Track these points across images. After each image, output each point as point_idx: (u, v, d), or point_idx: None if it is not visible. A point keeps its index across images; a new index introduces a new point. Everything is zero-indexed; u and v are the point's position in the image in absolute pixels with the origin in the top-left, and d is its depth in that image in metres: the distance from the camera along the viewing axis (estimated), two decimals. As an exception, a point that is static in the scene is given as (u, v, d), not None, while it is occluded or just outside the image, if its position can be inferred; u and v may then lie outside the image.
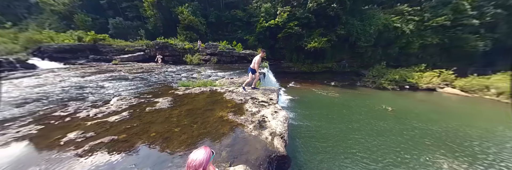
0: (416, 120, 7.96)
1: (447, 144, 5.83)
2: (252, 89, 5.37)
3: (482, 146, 5.77)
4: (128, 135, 2.79)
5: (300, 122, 7.20)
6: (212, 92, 5.17)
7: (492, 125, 7.79)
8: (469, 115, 9.32)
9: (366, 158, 4.72)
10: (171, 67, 10.19)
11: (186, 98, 4.51)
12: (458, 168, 4.54)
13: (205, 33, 18.92)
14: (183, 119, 3.35)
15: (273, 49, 19.97)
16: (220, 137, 2.87)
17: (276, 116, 4.11)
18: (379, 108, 9.74)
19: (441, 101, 12.87)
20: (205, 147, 1.13)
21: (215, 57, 13.08)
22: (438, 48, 18.99)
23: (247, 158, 2.48)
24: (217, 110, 3.86)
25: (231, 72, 9.27)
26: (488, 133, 6.87)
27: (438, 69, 16.50)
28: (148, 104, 4.05)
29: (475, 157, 5.12)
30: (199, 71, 8.43)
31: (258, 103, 4.87)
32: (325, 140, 5.60)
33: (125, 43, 14.07)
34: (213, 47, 13.89)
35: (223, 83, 6.29)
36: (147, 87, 5.59)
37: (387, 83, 15.98)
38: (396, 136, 6.28)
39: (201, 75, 7.31)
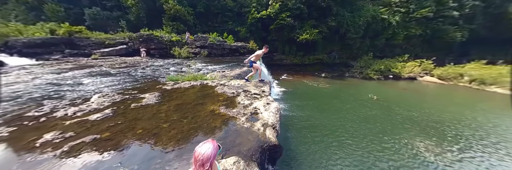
0: (398, 107, 8.47)
1: (423, 128, 6.33)
2: (246, 81, 5.21)
3: (452, 128, 6.36)
4: (112, 133, 2.58)
5: (293, 112, 7.32)
6: (202, 85, 4.93)
7: (462, 109, 8.55)
8: (444, 101, 10.10)
9: (354, 144, 4.99)
10: (158, 61, 9.50)
11: (175, 92, 4.26)
12: (431, 148, 4.98)
13: (193, 24, 17.64)
14: (172, 114, 3.16)
15: (265, 42, 19.41)
16: (212, 131, 2.76)
17: (268, 107, 4.06)
18: (365, 97, 10.16)
19: (420, 88, 13.74)
20: (212, 140, 1.06)
21: (205, 50, 12.39)
22: (420, 39, 19.63)
23: (239, 150, 2.43)
24: (208, 104, 3.70)
25: (223, 65, 8.92)
26: (458, 116, 7.54)
27: (419, 60, 17.29)
28: (134, 100, 3.77)
29: (445, 137, 5.65)
30: (189, 65, 7.96)
31: (251, 95, 4.76)
32: (316, 129, 5.78)
33: (105, 36, 12.74)
34: (202, 39, 13.10)
35: (215, 76, 6.03)
36: (132, 82, 5.18)
37: (373, 74, 16.57)
38: (380, 122, 6.67)
39: (191, 69, 6.91)
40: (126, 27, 16.77)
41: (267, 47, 4.66)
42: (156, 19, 16.81)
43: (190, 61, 8.78)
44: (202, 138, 2.53)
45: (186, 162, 2.05)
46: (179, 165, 1.99)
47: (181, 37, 13.18)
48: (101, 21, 17.62)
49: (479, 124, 6.85)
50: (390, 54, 19.74)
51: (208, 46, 12.72)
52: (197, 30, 17.06)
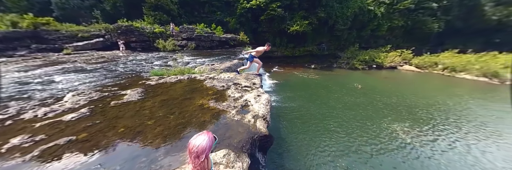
0: (379, 94, 8.94)
1: (401, 112, 6.81)
2: (237, 74, 4.99)
3: (425, 112, 6.94)
4: (90, 134, 2.33)
5: (284, 104, 7.39)
6: (190, 79, 4.63)
7: (435, 94, 9.28)
8: (419, 88, 10.85)
9: (340, 130, 5.23)
10: (141, 55, 8.68)
11: (160, 88, 3.95)
12: (406, 129, 5.42)
13: (178, 14, 16.09)
14: (157, 110, 2.93)
15: (256, 33, 18.63)
16: (201, 125, 2.63)
17: (259, 99, 3.96)
18: (351, 86, 10.53)
19: (400, 77, 14.55)
20: (208, 132, 1.00)
21: (192, 42, 11.56)
22: (402, 30, 20.15)
23: (230, 142, 2.36)
24: (196, 98, 3.50)
25: (212, 58, 8.45)
26: (431, 101, 8.19)
27: (400, 50, 17.99)
28: (114, 97, 3.42)
29: (420, 121, 6.17)
30: (175, 58, 7.39)
31: (241, 88, 4.60)
32: (306, 118, 5.93)
33: (78, 28, 11.20)
34: (189, 31, 12.13)
35: (203, 70, 5.69)
36: (111, 78, 4.69)
37: (359, 64, 17.05)
38: (363, 109, 7.03)
39: (177, 63, 6.44)
40: (101, 17, 14.83)
41: (270, 45, 4.33)
42: (136, 8, 15.00)
43: (177, 54, 8.14)
44: (191, 133, 2.39)
45: (174, 158, 1.92)
46: (166, 163, 1.86)
47: (165, 29, 12.07)
48: (71, 11, 15.36)
49: (448, 107, 7.53)
50: (374, 45, 20.24)
51: (196, 38, 11.87)
52: (182, 21, 15.64)
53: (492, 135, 5.34)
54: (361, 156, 4.06)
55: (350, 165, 3.75)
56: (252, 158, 2.42)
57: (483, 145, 4.77)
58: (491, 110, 7.51)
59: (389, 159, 4.01)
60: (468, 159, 4.16)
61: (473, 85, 12.21)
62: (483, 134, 5.36)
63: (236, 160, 2.03)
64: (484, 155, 4.36)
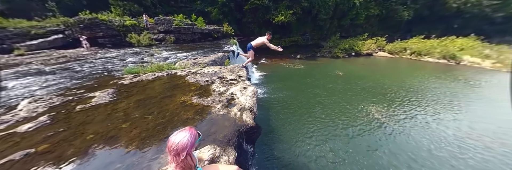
0: (358, 80, 9.48)
1: (376, 95, 7.38)
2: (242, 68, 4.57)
3: (396, 93, 7.64)
4: (53, 144, 2.00)
5: (273, 94, 7.40)
6: (170, 76, 4.22)
7: (403, 77, 10.16)
8: (391, 72, 11.72)
9: (324, 116, 5.51)
10: (111, 51, 7.55)
11: (136, 87, 3.52)
12: (380, 109, 5.93)
13: (151, 4, 14.03)
14: (132, 111, 2.62)
15: (240, 24, 17.50)
16: (184, 123, 2.43)
17: (245, 92, 3.81)
18: (333, 73, 10.93)
19: (375, 62, 15.48)
20: (190, 127, 0.94)
21: (171, 35, 10.41)
22: (377, 18, 20.75)
23: (215, 137, 2.24)
24: (178, 96, 3.21)
25: (195, 52, 7.80)
26: (401, 83, 8.96)
27: (375, 37, 18.77)
28: (80, 101, 2.96)
29: (391, 101, 6.79)
30: (152, 53, 6.60)
31: (227, 81, 4.37)
32: (293, 107, 6.07)
33: (29, 24, 9.15)
34: (166, 22, 10.81)
35: (185, 65, 5.22)
36: (76, 80, 4.03)
37: (340, 52, 17.55)
38: (344, 94, 7.43)
39: (154, 59, 5.78)
40: (58, 10, 12.28)
41: (270, 34, 3.94)
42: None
43: (153, 49, 7.23)
44: (172, 131, 2.19)
45: (155, 161, 1.75)
46: (145, 166, 1.69)
47: (137, 21, 10.56)
48: (19, 4, 12.34)
49: (414, 88, 8.37)
50: (353, 34, 20.75)
51: (174, 30, 10.70)
52: (157, 12, 13.76)
53: (447, 109, 6.17)
54: (343, 138, 4.36)
55: (334, 147, 4.03)
56: (240, 150, 2.38)
57: (441, 118, 5.49)
58: (447, 87, 8.54)
59: (366, 138, 4.38)
60: (428, 131, 4.78)
61: (435, 67, 13.60)
62: (441, 109, 6.15)
63: (222, 155, 1.95)
64: (440, 125, 5.04)
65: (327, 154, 3.77)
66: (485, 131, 4.74)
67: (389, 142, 4.24)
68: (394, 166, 3.51)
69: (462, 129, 4.84)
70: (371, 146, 4.06)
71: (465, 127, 4.96)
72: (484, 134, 4.61)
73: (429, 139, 4.37)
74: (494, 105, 6.59)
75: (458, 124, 5.12)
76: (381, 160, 3.66)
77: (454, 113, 5.82)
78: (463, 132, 4.72)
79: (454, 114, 5.77)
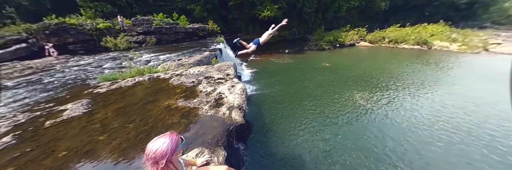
0: (343, 70, 9.74)
1: (359, 82, 7.67)
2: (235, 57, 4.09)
3: (377, 79, 8.00)
4: (19, 167, 1.74)
5: (264, 90, 7.33)
6: (152, 80, 3.91)
7: (383, 64, 10.66)
8: (372, 60, 12.20)
9: (314, 107, 5.60)
10: (84, 58, 6.75)
11: (113, 94, 3.20)
12: (364, 96, 6.19)
13: (126, 4, 12.71)
14: (111, 122, 2.38)
15: (226, 21, 16.73)
16: (169, 128, 2.26)
17: (233, 90, 3.68)
18: (320, 65, 11.10)
19: (357, 52, 15.97)
20: (171, 133, 0.86)
21: (152, 36, 9.65)
22: (357, 10, 21.08)
23: (203, 140, 2.13)
24: (162, 100, 2.98)
25: (179, 53, 7.33)
26: (381, 70, 9.39)
27: (357, 28, 19.21)
28: (49, 116, 2.62)
29: (373, 87, 7.08)
30: (131, 57, 6.06)
31: (214, 81, 4.17)
32: (284, 101, 6.08)
33: None
34: (145, 23, 9.95)
35: (168, 67, 4.88)
36: (45, 93, 3.56)
37: (325, 45, 17.80)
38: (331, 84, 7.63)
39: (134, 63, 5.32)
40: (17, 16, 10.59)
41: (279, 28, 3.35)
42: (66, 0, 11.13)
43: (133, 52, 6.62)
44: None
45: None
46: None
47: (112, 23, 9.59)
48: None
49: (393, 73, 8.84)
50: (336, 26, 21.02)
51: (155, 31, 9.92)
52: (135, 12, 12.53)
53: (420, 90, 6.65)
54: (333, 127, 4.50)
55: (325, 136, 4.15)
56: (230, 149, 2.30)
57: (415, 99, 5.95)
58: (420, 71, 9.18)
59: (354, 125, 4.58)
60: (405, 112, 5.14)
61: (410, 53, 14.41)
62: (415, 91, 6.63)
63: (210, 156, 1.85)
64: (414, 106, 5.48)
65: (319, 143, 3.87)
66: (453, 107, 5.31)
67: (373, 126, 4.50)
68: (378, 147, 3.75)
69: (433, 107, 5.32)
70: (358, 132, 4.27)
71: (436, 105, 5.47)
72: (453, 109, 5.16)
73: (406, 120, 4.73)
74: (460, 83, 7.27)
75: (430, 102, 5.63)
76: (368, 143, 3.86)
77: (426, 93, 6.35)
78: (434, 109, 5.21)
79: (426, 94, 6.31)
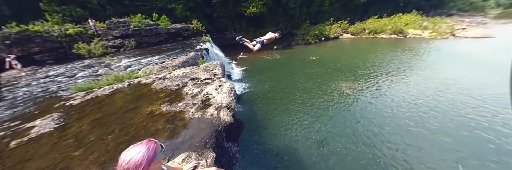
0: (329, 62, 9.97)
1: (344, 73, 7.94)
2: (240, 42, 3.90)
3: (360, 69, 8.32)
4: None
5: (256, 87, 7.27)
6: (133, 86, 3.62)
7: (364, 54, 11.11)
8: (355, 51, 12.63)
9: (305, 100, 5.69)
10: (54, 68, 5.94)
11: (89, 105, 2.91)
12: (350, 86, 6.44)
13: (99, 6, 11.48)
14: (87, 135, 2.16)
15: (211, 19, 15.98)
16: (153, 136, 2.11)
17: (221, 89, 3.55)
18: (308, 59, 11.24)
19: (341, 44, 16.40)
20: (149, 140, 0.79)
21: (130, 40, 8.90)
22: (339, 3, 21.38)
23: (191, 143, 2.02)
24: (144, 107, 2.77)
25: (163, 55, 6.90)
26: (363, 60, 9.77)
27: (340, 21, 19.58)
28: (15, 135, 2.31)
29: (357, 76, 7.38)
30: (108, 63, 5.54)
31: (201, 82, 3.99)
32: (276, 97, 6.09)
33: None
34: (121, 25, 9.14)
35: (150, 71, 4.56)
36: (8, 111, 3.14)
37: (311, 39, 17.98)
38: (319, 76, 7.80)
39: (111, 69, 4.88)
40: None
41: (280, 33, 3.61)
42: (29, 5, 9.72)
43: (110, 58, 6.00)
44: None
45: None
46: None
47: (84, 28, 8.67)
48: None
49: (374, 62, 9.30)
50: (321, 20, 21.22)
51: (134, 34, 9.18)
52: (109, 14, 11.41)
53: (398, 76, 7.13)
54: (324, 118, 4.63)
55: (317, 127, 4.26)
56: (220, 149, 2.23)
57: (394, 84, 6.34)
58: (398, 58, 9.80)
59: (343, 114, 4.77)
60: (386, 97, 5.48)
61: (388, 42, 15.15)
62: (394, 77, 7.08)
63: (198, 159, 1.77)
64: (393, 91, 5.86)
65: (312, 135, 3.95)
66: (426, 88, 5.82)
67: (359, 113, 4.75)
68: (364, 133, 3.97)
69: (409, 90, 5.79)
70: (346, 120, 4.46)
71: (411, 88, 5.96)
72: (425, 91, 5.67)
73: (387, 104, 5.08)
74: (432, 67, 7.88)
75: (405, 86, 6.13)
76: (355, 130, 4.06)
77: (403, 78, 6.88)
78: (410, 92, 5.67)
79: (403, 79, 6.83)
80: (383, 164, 3.12)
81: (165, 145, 1.96)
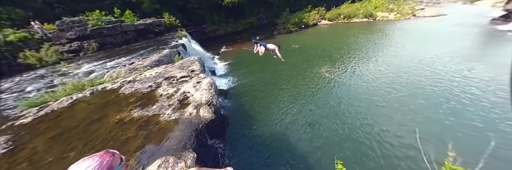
0: (309, 49, 9.89)
1: (324, 58, 8.02)
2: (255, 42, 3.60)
3: (338, 53, 8.41)
4: None
5: (243, 80, 7.02)
6: (97, 93, 3.11)
7: (340, 38, 11.30)
8: (332, 36, 12.67)
9: (289, 86, 5.67)
10: None
11: (43, 122, 2.44)
12: (329, 70, 6.57)
13: (45, 4, 9.02)
14: (43, 156, 1.82)
15: (185, 12, 14.00)
16: (124, 146, 1.87)
17: (200, 86, 3.25)
18: (290, 48, 11.01)
19: (320, 31, 16.24)
20: (105, 152, 0.65)
21: (91, 41, 7.49)
22: (315, -10, 20.29)
23: (168, 147, 1.84)
24: (111, 115, 2.41)
25: (131, 56, 6.02)
26: (339, 44, 9.89)
27: (317, 8, 19.02)
28: None
29: (336, 60, 7.54)
30: (66, 71, 4.60)
31: (177, 80, 3.60)
32: (263, 87, 5.98)
33: None
34: (77, 25, 7.57)
35: (117, 74, 3.95)
36: None
37: (292, 27, 17.42)
38: (302, 63, 7.76)
39: (69, 78, 4.11)
40: None
41: (280, 47, 3.35)
42: None
43: (66, 65, 4.84)
44: None
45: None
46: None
47: (29, 32, 6.95)
48: None
49: (349, 45, 9.52)
50: (299, 7, 20.23)
51: (94, 34, 7.74)
52: (58, 14, 9.14)
53: (370, 56, 7.47)
54: (308, 101, 4.75)
55: (302, 110, 4.36)
56: (203, 147, 2.11)
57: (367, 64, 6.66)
58: (369, 39, 10.13)
59: (324, 95, 4.92)
60: (361, 76, 5.75)
61: (361, 25, 15.46)
62: (367, 57, 7.41)
63: (176, 162, 1.62)
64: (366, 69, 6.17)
65: (299, 119, 4.06)
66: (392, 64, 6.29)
67: (338, 94, 4.98)
68: (344, 110, 4.22)
69: (379, 68, 6.21)
70: (328, 101, 4.66)
71: (380, 66, 6.38)
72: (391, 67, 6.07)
73: (361, 83, 5.37)
74: (396, 45, 8.41)
75: (376, 65, 6.54)
76: (336, 109, 4.29)
77: (374, 58, 7.27)
78: (379, 69, 6.05)
79: (374, 58, 7.22)
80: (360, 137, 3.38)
81: (136, 156, 1.73)
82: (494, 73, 4.71)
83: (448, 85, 4.57)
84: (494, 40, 7.82)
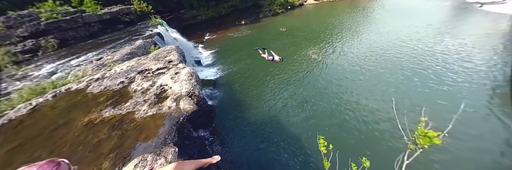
0: (297, 31, 9.18)
1: (310, 40, 7.54)
2: None
3: (323, 35, 7.86)
4: None
5: (231, 68, 6.51)
6: (61, 96, 2.63)
7: (326, 19, 10.45)
8: (318, 17, 11.77)
9: (278, 70, 5.42)
10: None
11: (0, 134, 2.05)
12: (315, 51, 6.37)
13: None
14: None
15: None
16: (96, 150, 1.60)
17: (178, 77, 2.79)
18: (278, 31, 10.10)
19: (306, 12, 14.67)
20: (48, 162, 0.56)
21: (48, 37, 6.17)
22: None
23: (146, 145, 1.62)
24: (78, 118, 2.05)
25: (99, 50, 5.10)
26: (326, 25, 9.39)
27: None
28: None
29: (322, 41, 7.17)
30: (22, 75, 3.79)
31: (153, 73, 3.08)
32: (252, 74, 5.69)
33: None
34: (27, 20, 6.09)
35: (83, 73, 3.33)
36: None
37: (278, 8, 15.31)
38: (290, 46, 7.34)
39: (26, 81, 3.44)
40: None
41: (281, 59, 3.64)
42: None
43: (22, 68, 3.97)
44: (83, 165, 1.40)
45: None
46: None
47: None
48: None
49: (334, 26, 8.86)
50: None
51: (50, 29, 6.33)
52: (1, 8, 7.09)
53: (353, 34, 7.32)
54: (296, 83, 4.62)
55: (292, 92, 4.29)
56: (187, 140, 1.91)
57: (350, 43, 6.52)
58: (352, 17, 9.81)
59: (311, 76, 4.82)
60: (345, 55, 5.62)
61: (344, 4, 14.63)
62: (350, 36, 7.20)
63: (155, 159, 1.42)
64: (350, 48, 6.06)
65: (289, 102, 4.01)
66: (374, 41, 6.29)
67: (325, 73, 4.90)
68: (329, 88, 4.21)
69: (362, 45, 6.17)
70: (315, 82, 4.58)
71: (364, 45, 6.27)
72: (373, 43, 6.10)
73: (346, 61, 5.32)
74: (379, 22, 8.24)
75: (359, 42, 6.51)
76: (323, 88, 4.26)
77: (357, 36, 7.11)
78: (363, 46, 6.02)
79: (357, 36, 7.08)
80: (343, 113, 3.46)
81: (110, 158, 1.46)
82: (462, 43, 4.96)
83: (422, 59, 4.73)
84: (463, 12, 8.09)
